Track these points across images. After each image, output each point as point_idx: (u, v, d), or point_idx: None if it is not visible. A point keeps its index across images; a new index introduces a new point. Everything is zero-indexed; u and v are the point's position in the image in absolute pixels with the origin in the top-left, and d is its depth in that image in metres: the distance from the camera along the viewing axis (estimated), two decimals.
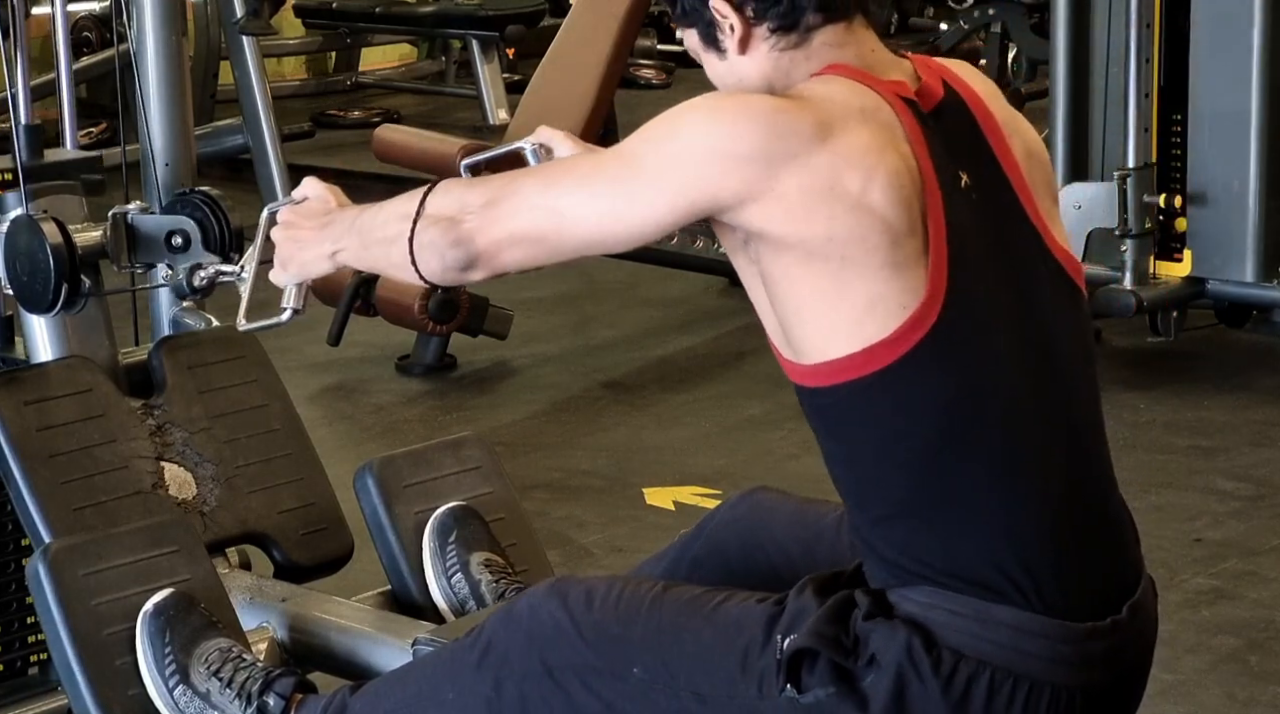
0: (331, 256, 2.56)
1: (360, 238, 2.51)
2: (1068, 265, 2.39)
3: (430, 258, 2.37)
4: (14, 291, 3.19)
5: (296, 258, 2.60)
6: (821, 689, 2.27)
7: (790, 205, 2.22)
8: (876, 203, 2.22)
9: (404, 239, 2.39)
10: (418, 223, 2.39)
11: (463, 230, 2.34)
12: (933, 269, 2.24)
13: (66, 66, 3.47)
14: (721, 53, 2.41)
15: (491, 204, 2.34)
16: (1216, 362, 5.89)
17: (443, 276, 2.39)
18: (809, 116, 2.25)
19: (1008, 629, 2.25)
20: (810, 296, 2.25)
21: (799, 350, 2.29)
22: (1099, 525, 2.36)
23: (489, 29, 9.58)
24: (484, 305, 5.87)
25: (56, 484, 3.07)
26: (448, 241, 2.35)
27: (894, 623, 2.26)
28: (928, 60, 2.41)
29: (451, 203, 2.38)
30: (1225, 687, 3.83)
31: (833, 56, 2.34)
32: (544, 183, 2.35)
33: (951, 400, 2.25)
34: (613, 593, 2.43)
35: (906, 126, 2.28)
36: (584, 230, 2.31)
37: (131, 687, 2.77)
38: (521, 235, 2.32)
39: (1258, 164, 5.50)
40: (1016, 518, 2.28)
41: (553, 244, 2.33)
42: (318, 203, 2.64)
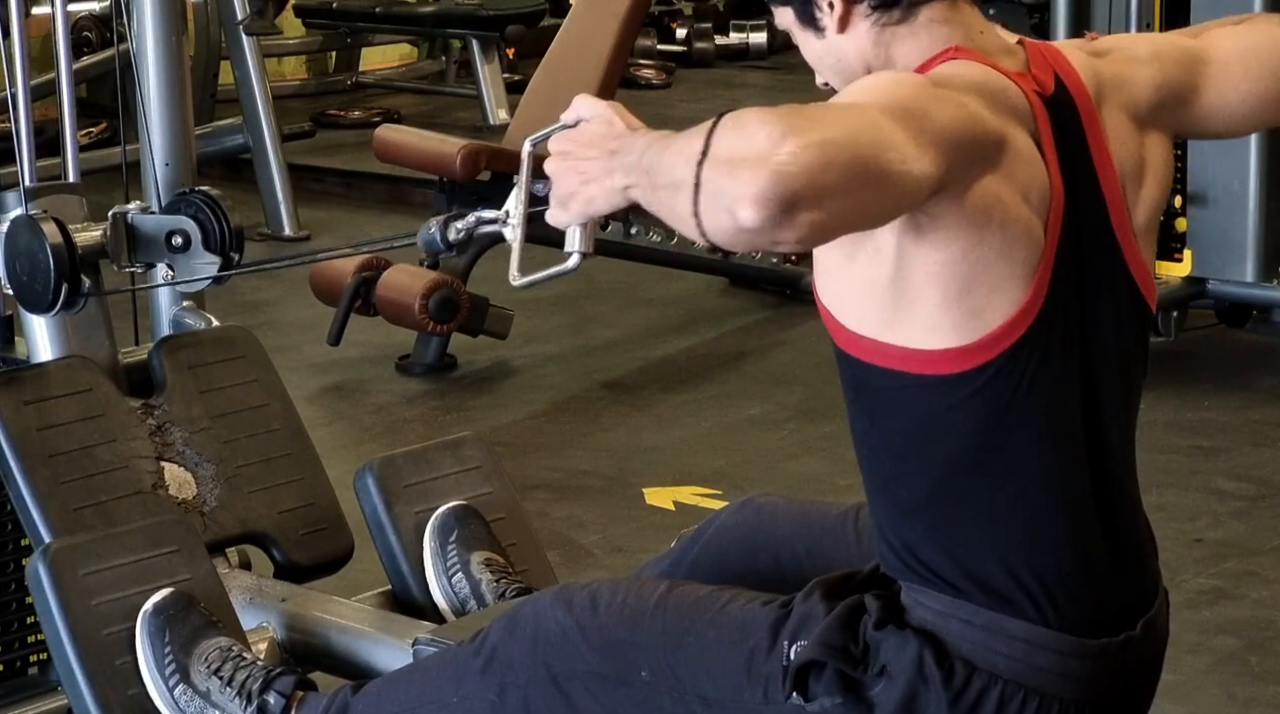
0: (624, 191, 2.11)
1: (650, 176, 2.06)
2: (1145, 287, 2.29)
3: (721, 215, 1.94)
4: (14, 291, 3.19)
5: (581, 193, 2.16)
6: (828, 698, 2.24)
7: (990, 183, 2.11)
8: (1032, 210, 2.14)
9: (689, 188, 1.97)
10: (704, 167, 1.96)
11: (773, 167, 1.90)
12: (1036, 282, 2.16)
13: (66, 66, 3.46)
14: (820, 31, 2.25)
15: (798, 130, 1.92)
16: (1217, 362, 5.88)
17: (736, 237, 1.95)
18: (983, 103, 2.12)
19: (1020, 643, 2.21)
20: (941, 281, 2.12)
21: (893, 328, 2.16)
22: (1121, 544, 2.30)
23: (489, 29, 9.57)
24: (484, 305, 5.86)
25: (56, 484, 3.06)
26: (750, 192, 1.90)
27: (905, 633, 2.23)
28: (1041, 48, 2.27)
29: (752, 136, 1.93)
30: (1226, 687, 3.83)
31: (942, 35, 2.22)
32: (848, 105, 2.04)
33: (1000, 416, 2.19)
34: (617, 597, 2.41)
35: (1041, 127, 2.19)
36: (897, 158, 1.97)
37: (131, 686, 2.77)
38: (848, 163, 1.93)
39: (1258, 164, 5.51)
40: (1038, 531, 2.23)
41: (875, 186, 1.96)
42: (599, 124, 2.19)
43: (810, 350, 5.97)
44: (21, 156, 3.29)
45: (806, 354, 5.98)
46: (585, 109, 2.23)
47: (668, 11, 11.44)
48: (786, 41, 2.39)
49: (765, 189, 1.90)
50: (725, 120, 1.98)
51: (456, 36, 10.24)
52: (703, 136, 1.98)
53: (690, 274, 6.68)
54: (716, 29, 11.36)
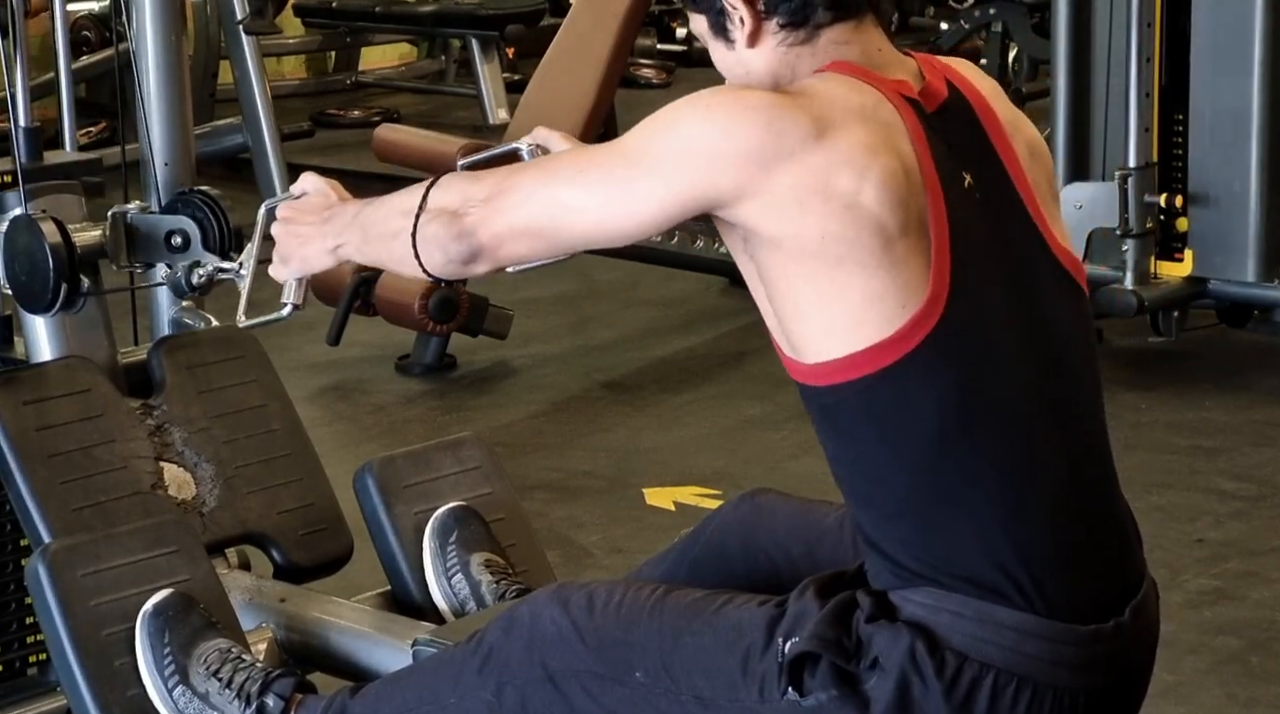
0: (333, 251, 2.60)
1: (363, 232, 2.53)
2: (1069, 265, 2.38)
3: (433, 252, 2.40)
4: (13, 291, 3.18)
5: (297, 253, 2.64)
6: (823, 692, 2.26)
7: (784, 203, 2.22)
8: (869, 202, 2.22)
9: (407, 234, 2.42)
10: (420, 217, 2.41)
11: (465, 224, 2.37)
12: (935, 269, 2.23)
13: (66, 66, 3.46)
14: (730, 43, 2.39)
15: (492, 198, 2.37)
16: (1218, 362, 5.88)
17: (445, 270, 2.41)
18: (805, 114, 2.25)
19: (1011, 631, 2.24)
20: (808, 295, 2.25)
21: (800, 349, 2.29)
22: (1102, 527, 2.35)
23: (489, 28, 9.57)
24: (484, 305, 5.86)
25: (55, 484, 3.06)
26: (450, 235, 2.37)
27: (897, 625, 2.25)
28: (932, 59, 2.41)
29: (453, 197, 2.41)
30: (1226, 687, 3.83)
31: (838, 54, 2.33)
32: (544, 176, 2.37)
33: (954, 401, 2.25)
34: (614, 597, 2.42)
35: (908, 125, 2.28)
36: (583, 223, 2.33)
37: (131, 687, 2.77)
38: (522, 228, 2.35)
39: (1259, 164, 5.50)
40: (1018, 519, 2.27)
41: (552, 237, 2.35)
42: (317, 197, 2.67)
43: None
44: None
45: None
46: (309, 184, 2.68)
47: (668, 11, 11.44)
48: None
49: (456, 238, 2.37)
50: (440, 181, 2.44)
51: (456, 36, 10.23)
52: (420, 193, 2.43)
53: (690, 274, 6.68)
54: None
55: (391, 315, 5.78)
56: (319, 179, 2.69)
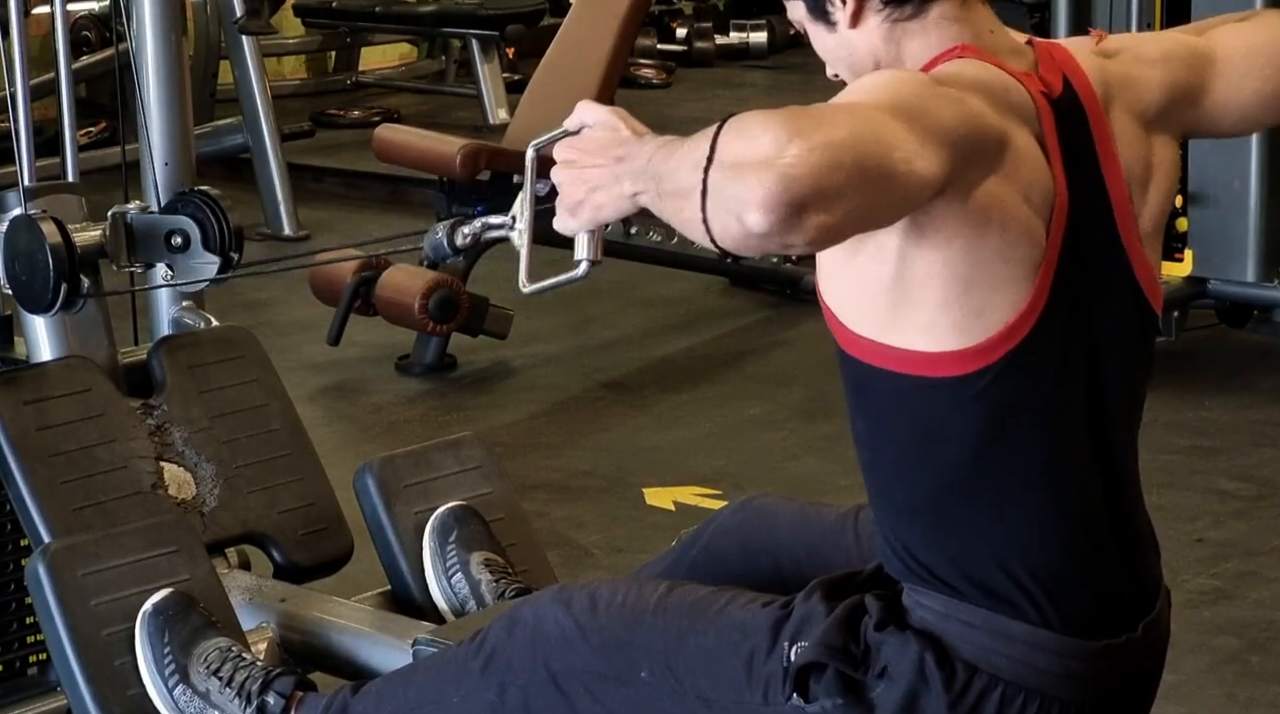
0: (632, 197, 2.11)
1: (657, 182, 2.06)
2: (1149, 291, 2.27)
3: (730, 221, 1.93)
4: (13, 291, 3.18)
5: (590, 201, 2.15)
6: (829, 700, 2.23)
7: (990, 183, 2.10)
8: (1034, 211, 2.13)
9: (696, 194, 1.96)
10: (710, 172, 1.95)
11: (781, 168, 1.89)
12: (1038, 285, 2.15)
13: (66, 66, 3.46)
14: (831, 25, 2.25)
15: (804, 133, 1.91)
16: (1217, 362, 5.88)
17: (745, 242, 1.94)
18: (986, 104, 2.11)
19: (1021, 645, 2.21)
20: (941, 281, 2.12)
21: (894, 330, 2.15)
22: (1123, 545, 2.29)
23: (489, 28, 9.57)
24: (484, 305, 5.86)
25: (56, 484, 3.06)
26: (760, 196, 1.89)
27: (906, 634, 2.22)
28: (1051, 49, 2.26)
29: (757, 141, 1.92)
30: (1226, 687, 3.83)
31: (952, 33, 2.21)
32: (854, 108, 2.02)
33: (1001, 419, 2.18)
34: (617, 597, 2.40)
35: (1045, 129, 2.17)
36: (903, 163, 1.96)
37: (131, 687, 2.77)
38: (858, 168, 1.92)
39: (1258, 164, 5.50)
40: (1039, 533, 2.23)
41: (879, 185, 1.95)
42: (603, 131, 2.17)
43: (810, 350, 5.97)
44: (21, 156, 3.28)
45: (807, 354, 5.97)
46: (589, 115, 2.20)
47: (668, 11, 11.44)
48: (786, 41, 2.41)
49: (772, 193, 1.89)
50: (729, 124, 1.96)
51: (456, 36, 10.23)
52: (708, 141, 1.96)
53: (690, 274, 6.68)
54: (717, 28, 11.35)
55: (391, 315, 5.78)
56: (601, 108, 2.20)
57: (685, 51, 11.21)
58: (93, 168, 4.40)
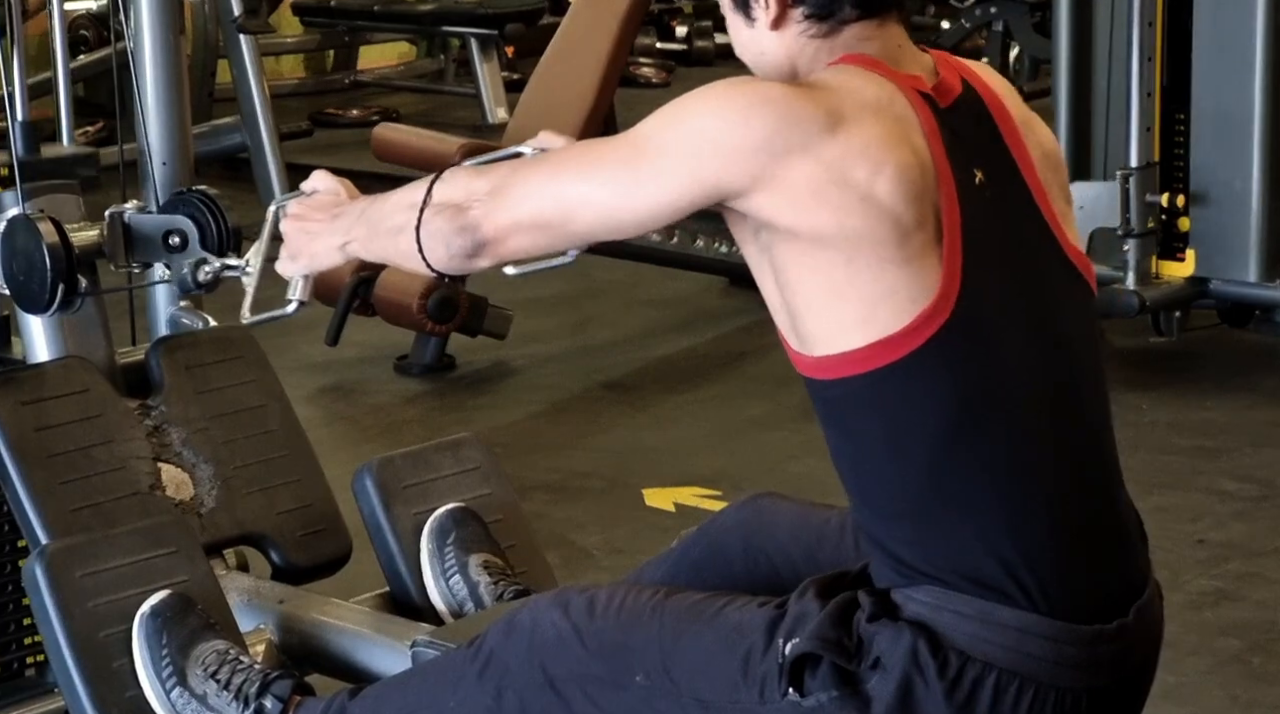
0: (342, 247, 2.58)
1: (369, 228, 2.52)
2: (1080, 265, 2.38)
3: (436, 246, 2.39)
4: (11, 291, 3.17)
5: (307, 249, 2.63)
6: (824, 693, 2.26)
7: (798, 195, 2.21)
8: (884, 196, 2.20)
9: (411, 228, 2.41)
10: (424, 211, 2.40)
11: (469, 217, 2.35)
12: (946, 264, 2.22)
13: (64, 65, 3.45)
14: (750, 20, 2.37)
15: (498, 191, 2.35)
16: (1219, 362, 5.88)
17: (449, 264, 2.39)
18: (819, 106, 2.23)
19: (1013, 631, 2.24)
20: (820, 288, 2.24)
21: (808, 342, 2.27)
22: (1106, 527, 2.34)
23: (488, 27, 9.57)
24: (483, 305, 5.85)
25: (54, 485, 3.06)
26: (454, 228, 2.36)
27: (899, 625, 2.25)
28: (946, 57, 2.40)
29: (458, 191, 2.39)
30: (1228, 689, 3.82)
31: (858, 49, 2.32)
32: (551, 169, 2.35)
33: (960, 397, 2.24)
34: (614, 601, 2.41)
35: (922, 120, 2.27)
36: (591, 216, 2.31)
37: (129, 688, 2.76)
38: (529, 222, 2.33)
39: (1260, 163, 5.49)
40: (1022, 518, 2.26)
41: (559, 230, 2.33)
42: (328, 195, 2.67)
43: None
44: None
45: None
46: (319, 183, 2.69)
47: (668, 9, 11.44)
48: None
49: (458, 233, 2.36)
50: (445, 174, 2.42)
51: (455, 35, 10.23)
52: (424, 187, 2.42)
53: (690, 274, 6.68)
54: (717, 27, 11.36)
55: (390, 315, 5.78)
56: (329, 177, 2.69)
57: (685, 50, 11.23)
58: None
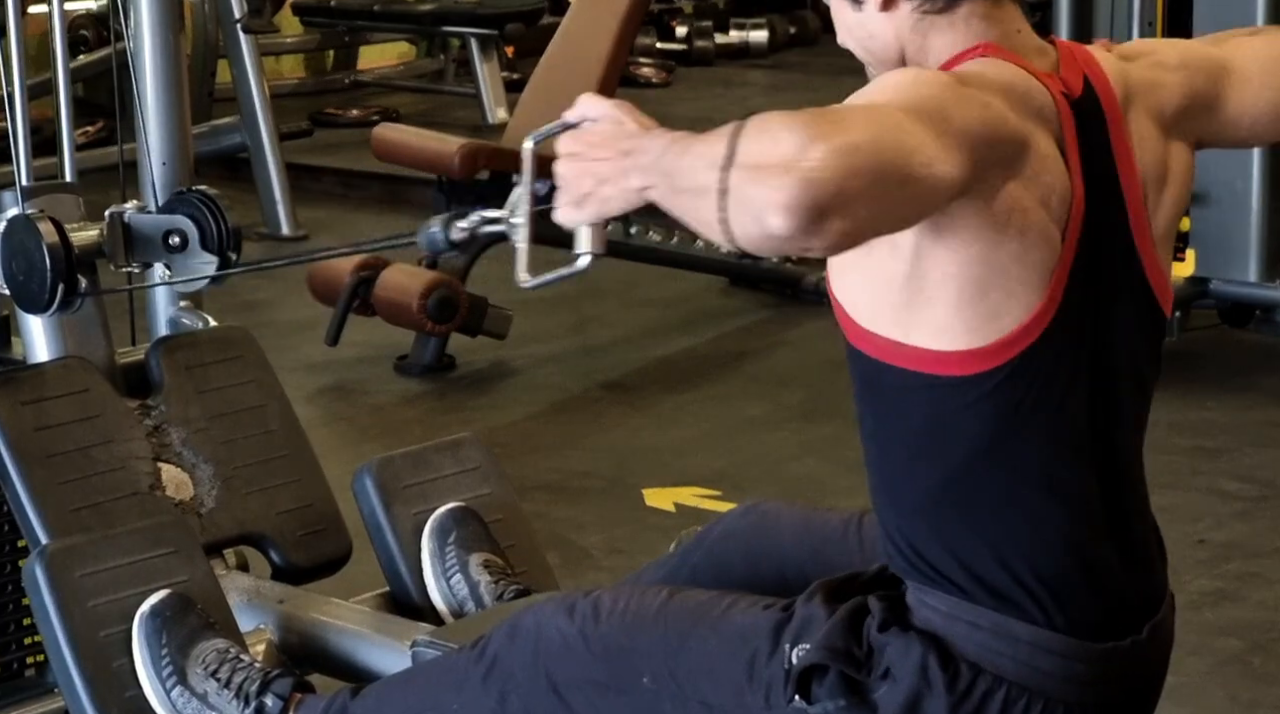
0: (641, 191, 2.06)
1: (670, 179, 2.02)
2: (1160, 294, 2.28)
3: (749, 222, 1.91)
4: (10, 291, 3.18)
5: (596, 194, 2.10)
6: (831, 702, 2.23)
7: (1011, 187, 2.09)
8: (1051, 214, 2.13)
9: (714, 194, 1.93)
10: (730, 173, 1.93)
11: (804, 171, 1.87)
12: (1052, 287, 2.14)
13: (63, 65, 3.45)
14: (858, 3, 2.23)
15: (831, 133, 1.90)
16: (1219, 362, 5.88)
17: (767, 243, 1.93)
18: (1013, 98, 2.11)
19: (1026, 646, 2.20)
20: (956, 282, 2.11)
21: (906, 328, 2.14)
22: (1128, 548, 2.29)
23: (488, 27, 9.57)
24: (483, 305, 5.85)
25: (53, 485, 3.06)
26: (782, 198, 1.88)
27: (910, 635, 2.21)
28: (1073, 49, 2.26)
29: (776, 144, 1.90)
30: (1228, 688, 3.83)
31: (979, 30, 2.20)
32: (875, 108, 2.01)
33: (1009, 418, 2.18)
34: (619, 604, 2.40)
35: (1065, 128, 2.17)
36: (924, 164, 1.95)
37: (129, 688, 2.77)
38: (876, 171, 1.90)
39: (1261, 164, 5.50)
40: (1044, 534, 2.22)
41: (901, 187, 1.94)
42: (608, 123, 2.13)
43: (811, 351, 5.96)
44: (18, 156, 3.28)
45: (807, 354, 5.97)
46: (591, 108, 2.16)
47: (668, 10, 11.44)
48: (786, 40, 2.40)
49: (795, 196, 1.87)
50: (750, 124, 1.94)
51: (455, 35, 10.23)
52: (726, 140, 1.93)
53: (690, 274, 6.68)
54: (717, 27, 11.36)
55: (390, 315, 5.78)
56: (606, 102, 2.15)
57: (685, 50, 11.21)
58: (90, 167, 4.39)
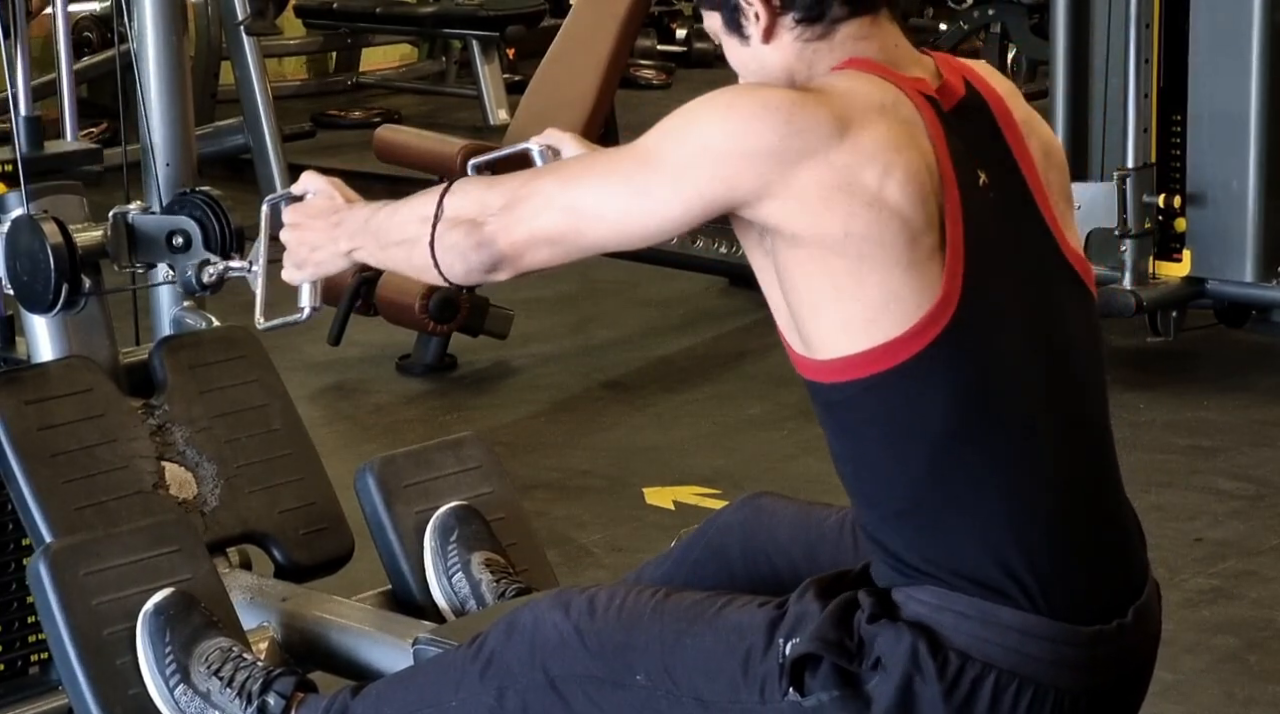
0: (347, 255, 2.56)
1: (377, 239, 2.50)
2: (1080, 268, 2.38)
3: (454, 261, 2.38)
4: (14, 291, 3.19)
5: (311, 258, 2.61)
6: (824, 693, 2.26)
7: (807, 201, 2.21)
8: (894, 199, 2.21)
9: (425, 242, 2.40)
10: (438, 225, 2.39)
11: (485, 233, 2.35)
12: (949, 267, 2.23)
13: (67, 66, 3.46)
14: (744, 39, 2.37)
15: (511, 206, 2.35)
16: (1216, 361, 5.89)
17: (467, 278, 2.39)
18: (827, 111, 2.23)
19: (1014, 632, 2.24)
20: (826, 292, 2.24)
21: (812, 345, 2.28)
22: (1105, 528, 2.34)
23: (489, 29, 9.58)
24: (484, 305, 5.87)
25: (57, 484, 3.07)
26: (470, 244, 2.35)
27: (899, 625, 2.25)
28: (949, 58, 2.40)
29: (470, 204, 2.38)
30: (1224, 686, 3.83)
31: (856, 49, 2.32)
32: (562, 182, 2.35)
33: (961, 400, 2.24)
34: (615, 601, 2.42)
35: (927, 123, 2.27)
36: (604, 228, 2.31)
37: (132, 686, 2.77)
38: (543, 236, 2.32)
39: (1257, 164, 5.50)
40: (1022, 520, 2.26)
41: (573, 243, 2.33)
42: (322, 199, 2.63)
43: None
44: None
45: None
46: (310, 184, 2.66)
47: (668, 11, 11.45)
48: None
49: (474, 249, 2.36)
50: (455, 186, 2.40)
51: (456, 37, 10.24)
52: (435, 199, 2.40)
53: (690, 274, 6.68)
54: None
55: (392, 315, 5.79)
56: (320, 179, 2.66)
57: (685, 52, 11.23)
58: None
